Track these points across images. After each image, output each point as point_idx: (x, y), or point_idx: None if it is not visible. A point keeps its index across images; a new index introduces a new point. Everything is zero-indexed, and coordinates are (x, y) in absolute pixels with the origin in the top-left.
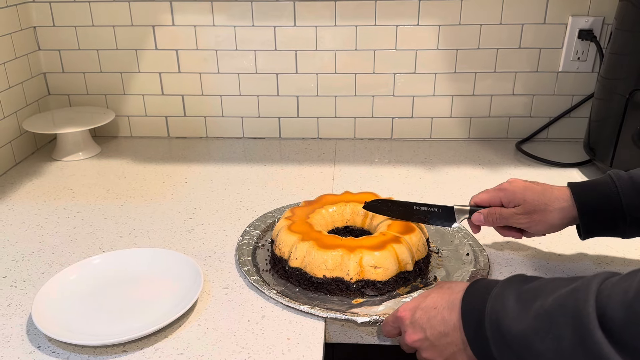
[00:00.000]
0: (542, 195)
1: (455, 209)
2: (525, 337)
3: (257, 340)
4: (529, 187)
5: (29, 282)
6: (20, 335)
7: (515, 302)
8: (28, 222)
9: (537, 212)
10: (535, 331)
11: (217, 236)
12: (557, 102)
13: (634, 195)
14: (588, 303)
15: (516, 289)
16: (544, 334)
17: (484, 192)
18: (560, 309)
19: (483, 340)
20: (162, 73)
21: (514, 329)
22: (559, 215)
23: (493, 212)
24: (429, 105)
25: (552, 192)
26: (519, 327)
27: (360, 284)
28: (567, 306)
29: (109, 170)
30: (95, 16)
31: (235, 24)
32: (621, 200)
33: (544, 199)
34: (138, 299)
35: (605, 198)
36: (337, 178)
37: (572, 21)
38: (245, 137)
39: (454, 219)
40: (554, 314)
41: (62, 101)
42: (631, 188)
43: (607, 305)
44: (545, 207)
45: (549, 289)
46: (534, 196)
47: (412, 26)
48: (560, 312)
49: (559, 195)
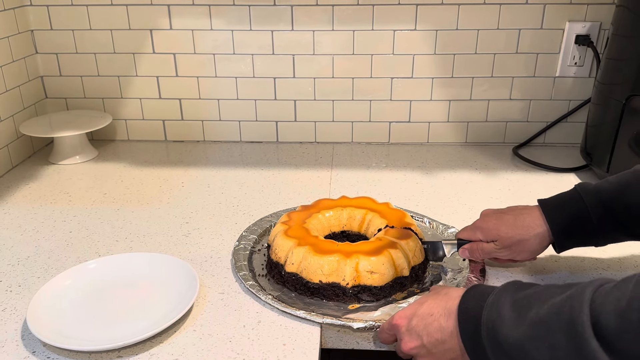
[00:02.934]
0: (515, 226)
1: (443, 243)
2: (521, 345)
3: (253, 346)
4: (500, 220)
5: (24, 287)
6: (15, 340)
7: (511, 310)
8: (24, 226)
9: (515, 244)
10: (531, 339)
11: (214, 241)
12: (554, 107)
13: (602, 209)
14: (582, 311)
15: (512, 297)
16: (540, 342)
17: (464, 229)
18: (555, 317)
19: (480, 348)
20: (160, 77)
21: (511, 337)
22: (537, 242)
23: (476, 247)
24: (426, 109)
25: (524, 220)
26: (515, 335)
27: (356, 289)
28: (561, 314)
29: (106, 174)
30: (93, 20)
31: (233, 28)
32: (590, 216)
33: (517, 230)
34: (134, 304)
35: (575, 216)
36: (334, 182)
37: (569, 26)
38: (242, 141)
39: (443, 253)
40: (549, 322)
41: (59, 105)
42: (598, 203)
43: (601, 313)
44: (521, 237)
45: (544, 296)
46: (508, 229)
47: (410, 31)
48: (555, 321)
49: (532, 222)
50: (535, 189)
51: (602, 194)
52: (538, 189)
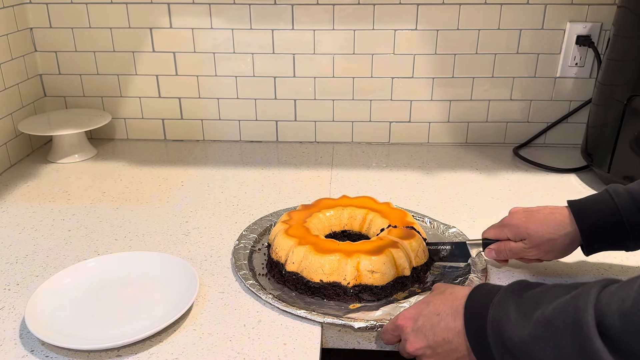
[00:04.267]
0: (545, 225)
1: (468, 244)
2: (526, 344)
3: (253, 345)
4: (530, 217)
5: (22, 285)
6: (13, 339)
7: (517, 309)
8: (22, 225)
9: (544, 243)
10: (536, 339)
11: (213, 240)
12: (555, 108)
13: (634, 211)
14: (587, 311)
15: (518, 297)
16: (545, 342)
17: (491, 227)
18: (561, 317)
19: (486, 348)
20: (159, 75)
21: (516, 336)
22: (566, 242)
23: (503, 247)
24: (427, 109)
25: (554, 218)
26: (520, 335)
27: (357, 288)
28: (567, 314)
29: (105, 173)
30: (92, 18)
31: (233, 27)
32: (622, 218)
33: (547, 229)
34: (133, 303)
35: (606, 217)
36: (335, 182)
37: (570, 27)
38: (242, 140)
39: (468, 254)
40: (555, 322)
41: (58, 103)
42: (630, 204)
43: (606, 313)
44: (551, 236)
45: (550, 296)
46: (538, 227)
47: (410, 31)
48: (560, 320)
49: (562, 221)
50: (535, 190)
51: (634, 195)
52: (539, 189)
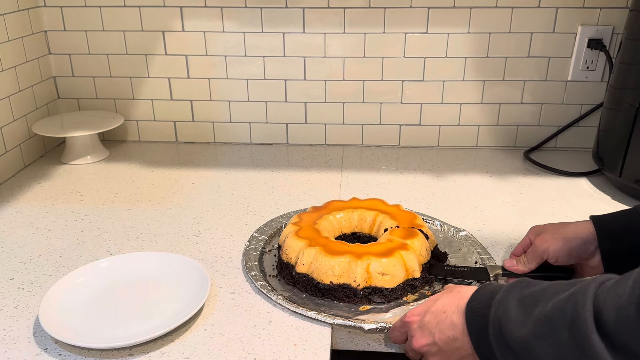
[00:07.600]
0: (569, 256)
1: (488, 267)
2: (526, 342)
3: (264, 346)
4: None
5: (36, 285)
6: (27, 337)
7: (517, 307)
8: (36, 225)
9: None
10: (535, 336)
11: (224, 241)
12: (566, 111)
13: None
14: (585, 308)
15: (518, 294)
16: (544, 339)
17: (512, 257)
18: (559, 314)
19: (487, 345)
20: (171, 78)
21: (516, 334)
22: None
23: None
24: (437, 112)
25: (578, 247)
26: (520, 332)
27: (367, 290)
28: (565, 311)
29: (117, 174)
30: (106, 21)
31: (244, 30)
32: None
33: (571, 260)
34: (145, 303)
35: (626, 224)
36: (344, 184)
37: (581, 30)
38: (253, 142)
39: (488, 278)
40: (553, 319)
41: (71, 105)
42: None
43: (603, 309)
44: (576, 262)
45: (549, 293)
46: (564, 259)
47: (421, 34)
48: (559, 318)
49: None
50: (546, 193)
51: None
52: (549, 193)
